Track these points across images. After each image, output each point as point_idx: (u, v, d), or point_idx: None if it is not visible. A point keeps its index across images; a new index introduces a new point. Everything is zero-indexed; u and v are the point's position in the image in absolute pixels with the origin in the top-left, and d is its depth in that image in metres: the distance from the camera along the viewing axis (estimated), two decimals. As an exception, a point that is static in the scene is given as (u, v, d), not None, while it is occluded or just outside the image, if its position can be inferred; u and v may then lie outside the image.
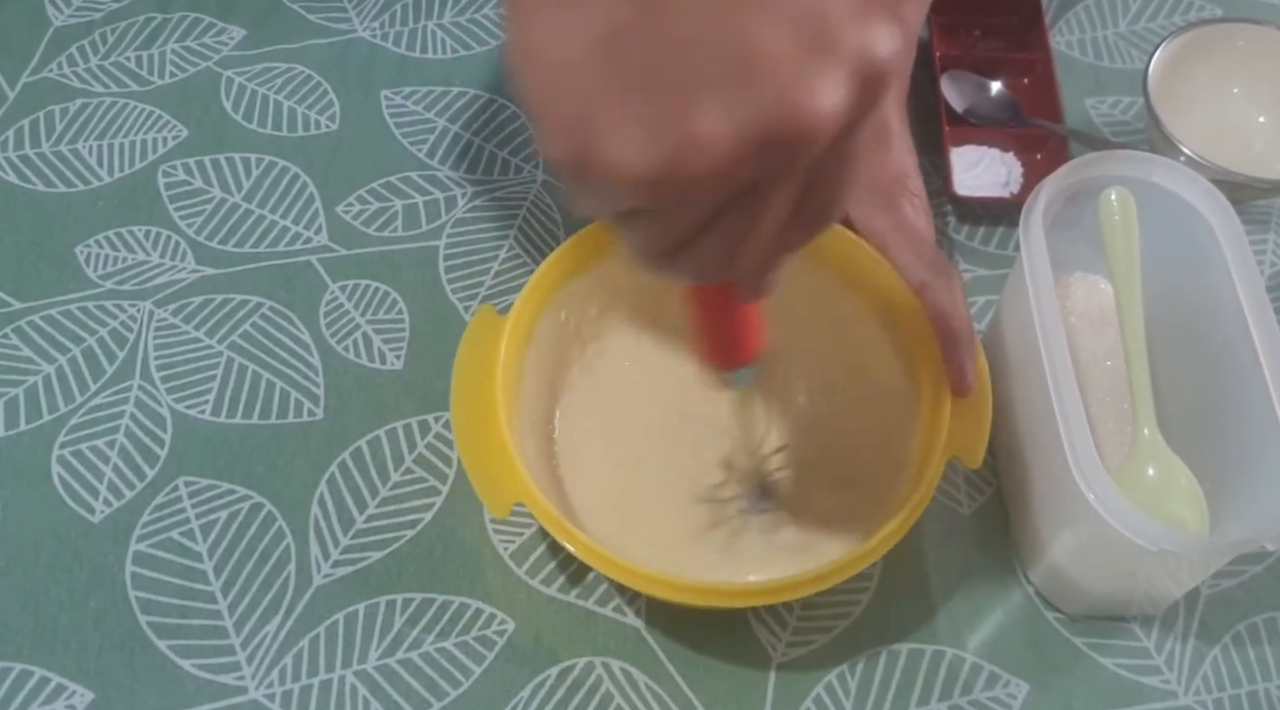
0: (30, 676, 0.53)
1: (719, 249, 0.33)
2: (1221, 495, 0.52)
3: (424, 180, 0.69)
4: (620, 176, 0.29)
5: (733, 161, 0.29)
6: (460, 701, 0.53)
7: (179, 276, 0.65)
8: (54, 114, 0.72)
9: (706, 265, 0.34)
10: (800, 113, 0.28)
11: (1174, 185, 0.55)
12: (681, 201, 0.30)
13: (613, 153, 0.29)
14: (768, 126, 0.28)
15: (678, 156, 0.28)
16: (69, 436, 0.60)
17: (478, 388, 0.52)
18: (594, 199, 0.32)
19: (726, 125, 0.28)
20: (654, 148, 0.29)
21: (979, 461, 0.50)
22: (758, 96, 0.28)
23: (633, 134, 0.29)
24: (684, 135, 0.28)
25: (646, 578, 0.48)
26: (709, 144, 0.28)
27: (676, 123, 0.28)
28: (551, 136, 0.30)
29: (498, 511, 0.49)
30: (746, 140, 0.28)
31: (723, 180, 0.29)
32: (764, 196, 0.31)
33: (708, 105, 0.28)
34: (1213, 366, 0.54)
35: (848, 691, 0.53)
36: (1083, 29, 0.77)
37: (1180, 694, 0.54)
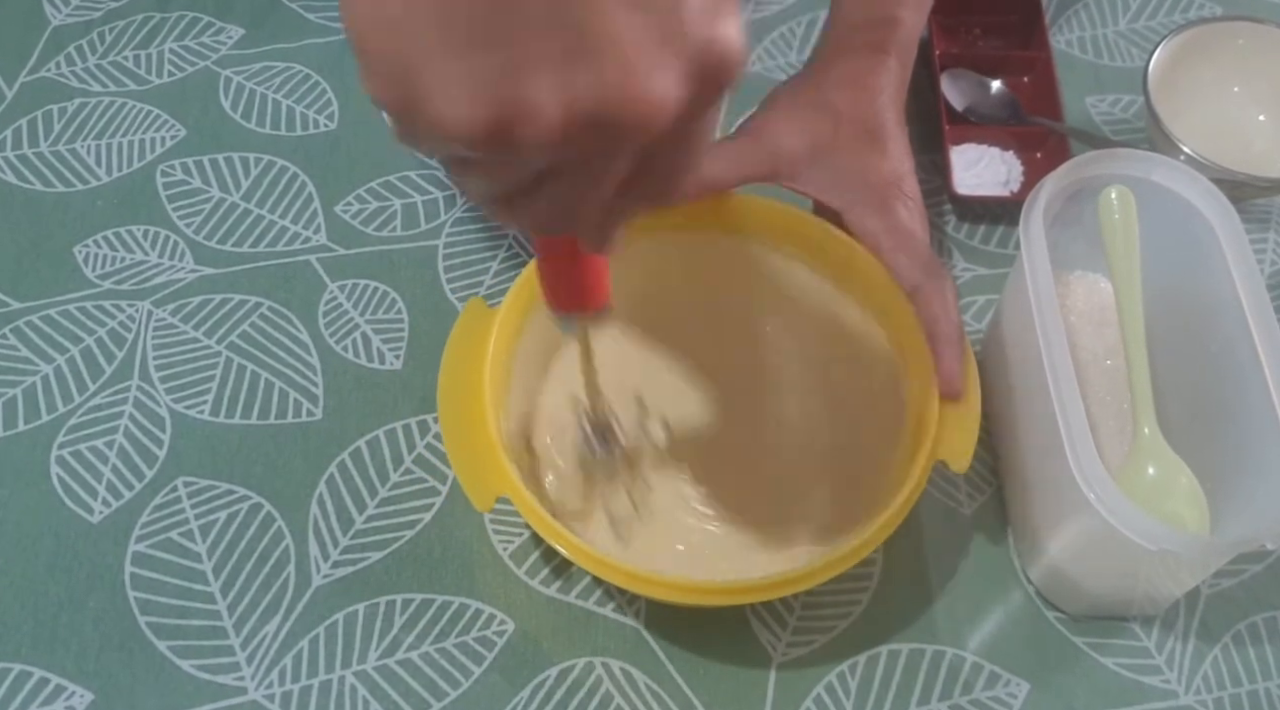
0: (29, 677, 0.53)
1: (550, 206, 0.33)
2: (1222, 494, 0.52)
3: (423, 179, 0.69)
4: (443, 129, 0.29)
5: (560, 135, 0.28)
6: (460, 702, 0.53)
7: (178, 276, 0.65)
8: (52, 113, 0.72)
9: (538, 219, 0.34)
10: (634, 101, 0.28)
11: (1174, 184, 0.55)
12: (507, 161, 0.30)
13: (438, 106, 0.28)
14: (599, 108, 0.28)
15: (504, 121, 0.28)
16: (68, 437, 0.60)
17: (466, 380, 0.52)
18: (421, 144, 0.31)
19: (557, 100, 0.28)
20: (481, 108, 0.28)
21: (966, 466, 0.50)
22: (594, 77, 0.28)
23: (463, 90, 0.28)
24: (514, 102, 0.28)
25: (623, 572, 0.48)
26: (538, 115, 0.28)
27: (508, 88, 0.28)
28: (374, 77, 0.29)
29: (481, 504, 0.49)
30: (576, 118, 0.28)
31: (549, 149, 0.29)
32: (595, 168, 0.31)
33: (542, 76, 0.28)
34: (1213, 365, 0.54)
35: (848, 691, 0.53)
36: (1083, 27, 0.77)
37: (1181, 693, 0.53)
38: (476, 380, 0.51)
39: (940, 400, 0.51)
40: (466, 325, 0.53)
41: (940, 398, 0.51)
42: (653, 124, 0.29)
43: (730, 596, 0.50)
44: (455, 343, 0.53)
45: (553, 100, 0.28)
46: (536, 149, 0.29)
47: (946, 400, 0.51)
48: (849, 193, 0.56)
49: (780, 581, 0.48)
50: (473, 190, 0.33)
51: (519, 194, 0.32)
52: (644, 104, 0.28)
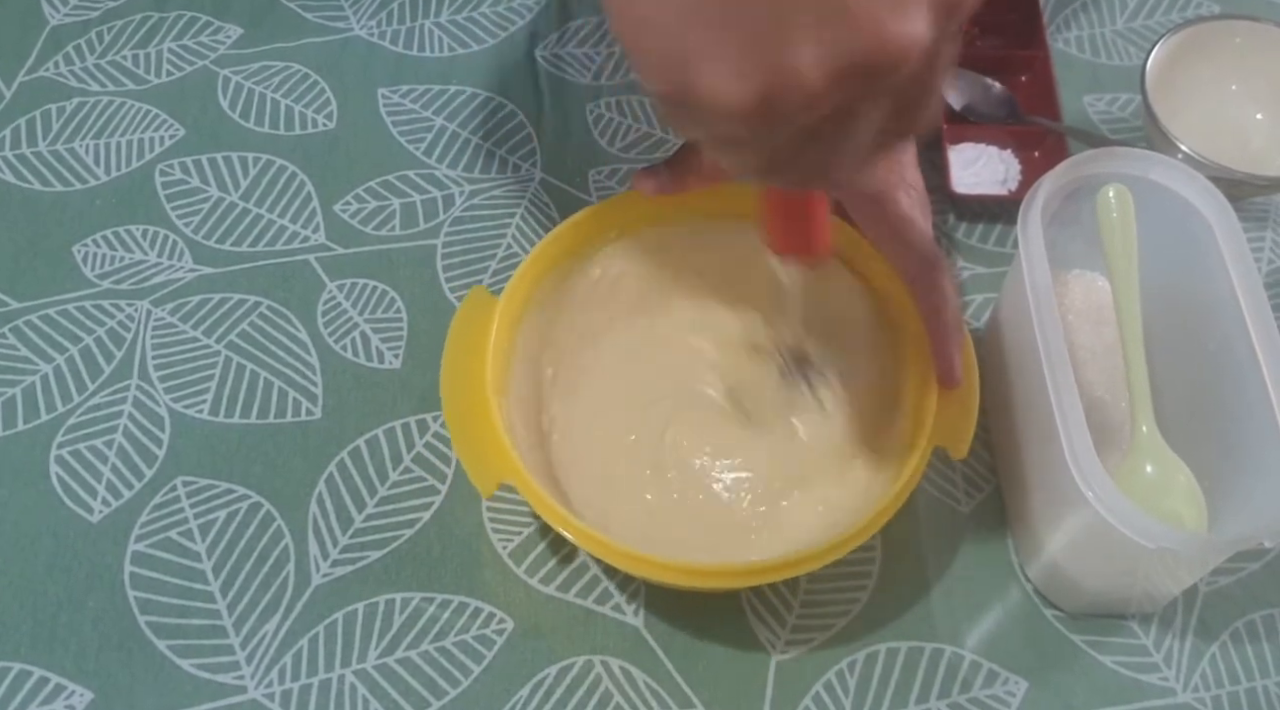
0: (29, 676, 0.53)
1: (812, 166, 0.35)
2: (1220, 492, 0.52)
3: (421, 179, 0.69)
4: (717, 109, 0.31)
5: (824, 92, 0.30)
6: (459, 700, 0.53)
7: (176, 276, 0.65)
8: (50, 113, 0.72)
9: (799, 179, 0.36)
10: (887, 43, 0.30)
11: (1172, 182, 0.55)
12: (776, 128, 0.32)
13: (709, 86, 0.31)
14: (857, 58, 0.30)
15: (772, 90, 0.30)
16: (67, 436, 0.60)
17: (468, 367, 0.52)
18: (691, 127, 0.33)
19: (818, 58, 0.30)
20: (749, 81, 0.30)
21: (964, 452, 0.51)
22: (845, 27, 0.30)
23: (728, 68, 0.30)
24: (778, 69, 0.30)
25: (630, 557, 0.48)
26: (802, 77, 0.30)
27: (770, 57, 0.30)
28: (649, 71, 0.32)
29: (484, 489, 0.49)
30: (836, 70, 0.30)
31: (814, 108, 0.31)
32: (854, 118, 0.33)
33: (799, 41, 0.30)
34: (1210, 364, 0.54)
35: (846, 689, 0.53)
36: (1080, 26, 0.77)
37: (1179, 691, 0.54)
38: (479, 367, 0.52)
39: (939, 388, 0.51)
40: (469, 313, 0.54)
41: (939, 385, 0.51)
42: (906, 63, 0.30)
43: (731, 579, 0.51)
44: (458, 330, 0.53)
45: (813, 61, 0.30)
46: (802, 111, 0.31)
47: (945, 388, 0.51)
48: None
49: (779, 565, 0.48)
50: (738, 164, 0.35)
51: (785, 157, 0.34)
52: (896, 46, 0.30)
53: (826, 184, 0.38)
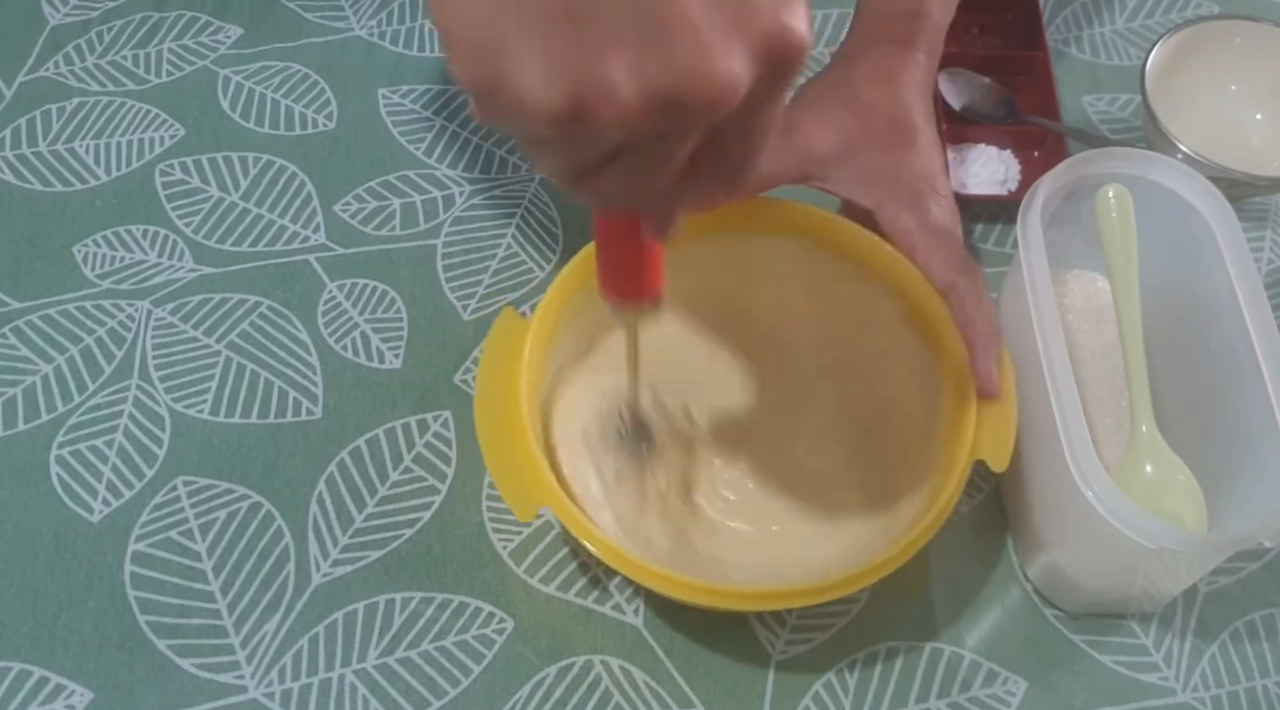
0: (29, 676, 0.53)
1: (619, 183, 0.34)
2: (1219, 492, 0.52)
3: (422, 179, 0.69)
4: (523, 110, 0.30)
5: (634, 115, 0.30)
6: (460, 700, 0.53)
7: (177, 276, 0.65)
8: (50, 113, 0.72)
9: (607, 195, 0.36)
10: (704, 80, 0.30)
11: (1171, 182, 0.55)
12: (583, 138, 0.31)
13: (520, 85, 0.30)
14: (672, 88, 0.30)
15: (583, 100, 0.30)
16: (67, 436, 0.60)
17: (502, 391, 0.51)
18: (500, 123, 0.33)
19: (633, 79, 0.29)
20: (560, 87, 0.30)
21: (1005, 464, 0.50)
22: (667, 58, 0.29)
23: (541, 71, 0.30)
24: (592, 81, 0.30)
25: (666, 579, 0.48)
26: (614, 94, 0.30)
27: (587, 67, 0.30)
28: (461, 60, 0.31)
29: (523, 515, 0.49)
30: (649, 97, 0.30)
31: (621, 128, 0.30)
32: (666, 146, 0.32)
33: (619, 57, 0.29)
34: (1210, 363, 0.54)
35: (846, 689, 0.53)
36: (1080, 26, 0.77)
37: (1178, 691, 0.54)
38: (513, 392, 0.51)
39: (978, 399, 0.51)
40: (500, 336, 0.53)
41: (978, 396, 0.51)
42: (722, 103, 0.30)
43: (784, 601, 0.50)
44: (490, 353, 0.53)
45: (628, 80, 0.29)
46: (612, 127, 0.30)
47: (984, 398, 0.51)
48: (879, 191, 0.55)
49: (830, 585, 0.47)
50: (546, 166, 0.35)
51: (590, 170, 0.34)
52: (714, 84, 0.30)
53: (635, 209, 0.37)
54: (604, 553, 0.48)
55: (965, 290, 0.52)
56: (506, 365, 0.52)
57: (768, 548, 0.55)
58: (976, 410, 0.51)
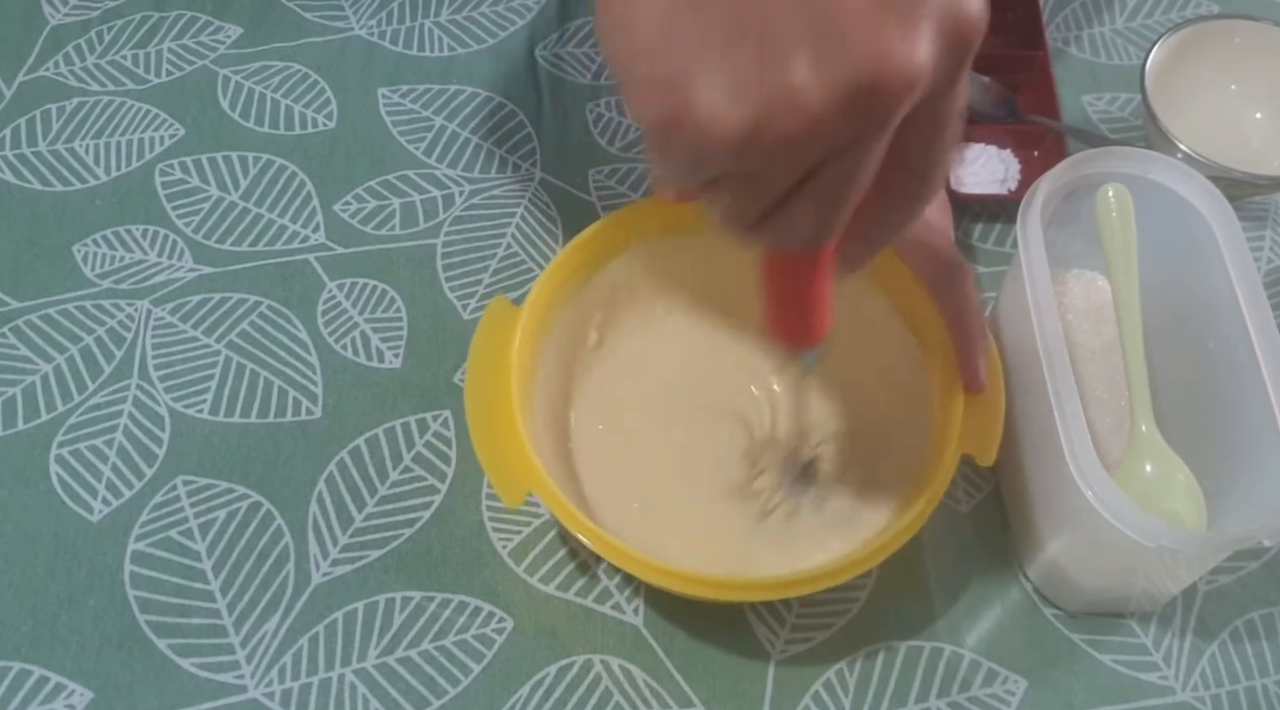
0: (29, 675, 0.53)
1: (810, 215, 0.33)
2: (1219, 491, 0.52)
3: (421, 178, 0.69)
4: (712, 135, 0.29)
5: (823, 117, 0.29)
6: (459, 699, 0.53)
7: (176, 275, 0.65)
8: (50, 113, 0.72)
9: (796, 232, 0.34)
10: (888, 66, 0.29)
11: (1171, 182, 0.55)
12: (772, 162, 0.30)
13: (704, 111, 0.29)
14: (857, 80, 0.29)
15: (769, 113, 0.29)
16: (67, 436, 0.60)
17: (492, 377, 0.52)
18: (684, 164, 0.31)
19: (817, 80, 0.28)
20: (745, 105, 0.29)
21: (992, 458, 0.50)
22: (846, 51, 0.28)
23: (723, 92, 0.29)
24: (775, 91, 0.29)
25: (655, 569, 0.48)
26: (800, 99, 0.29)
27: (767, 79, 0.29)
28: (642, 98, 0.30)
29: (510, 501, 0.49)
30: (836, 95, 0.29)
31: (813, 138, 0.29)
32: (855, 158, 0.31)
33: (797, 61, 0.28)
34: (1210, 363, 0.54)
35: (846, 688, 0.53)
36: (1080, 26, 0.77)
37: (1178, 690, 0.54)
38: (503, 378, 0.51)
39: (964, 393, 0.51)
40: (491, 324, 0.53)
41: (965, 391, 0.51)
42: (909, 89, 0.29)
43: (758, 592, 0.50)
44: (480, 341, 0.53)
45: (812, 82, 0.28)
46: (802, 139, 0.29)
47: (970, 394, 0.51)
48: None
49: (810, 577, 0.48)
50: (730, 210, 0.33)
51: (780, 201, 0.32)
52: (898, 69, 0.29)
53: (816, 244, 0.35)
54: (591, 539, 0.48)
55: (953, 285, 0.53)
56: (497, 353, 0.52)
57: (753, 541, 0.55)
58: (964, 405, 0.51)
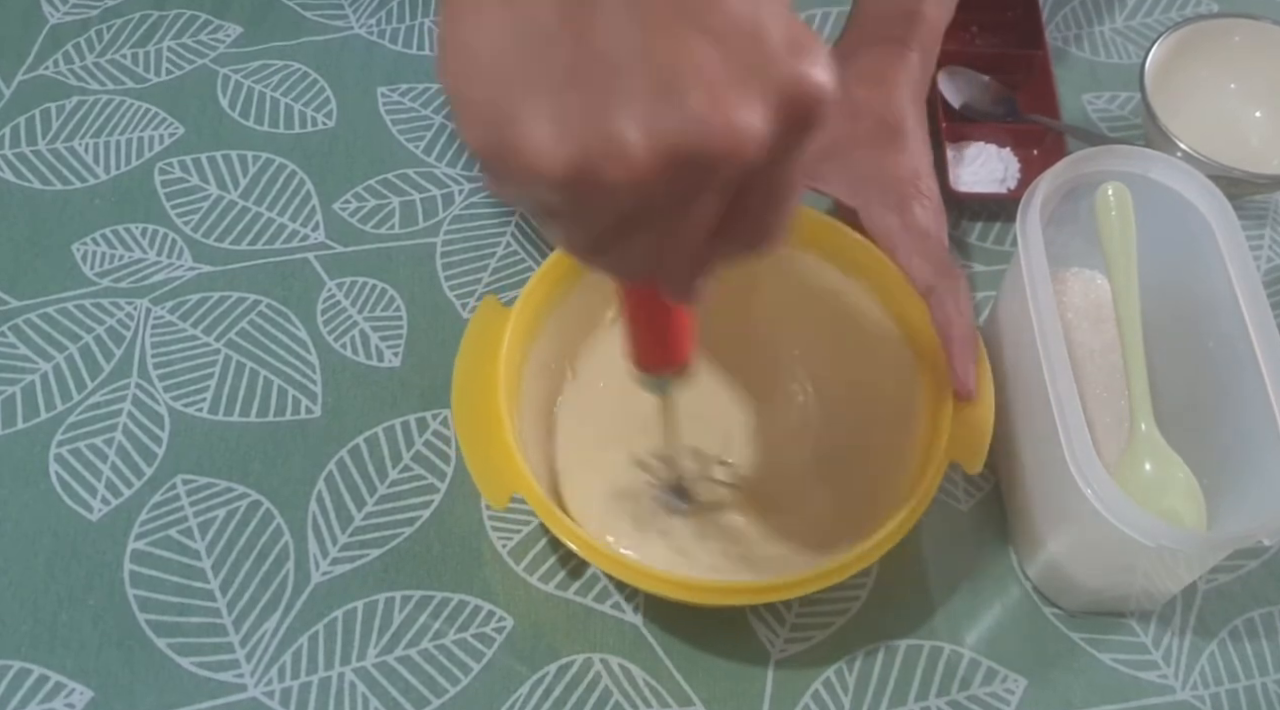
0: (29, 675, 0.53)
1: (640, 253, 0.32)
2: (1219, 490, 0.52)
3: (421, 177, 0.69)
4: (533, 169, 0.29)
5: (647, 172, 0.28)
6: (459, 698, 0.53)
7: (176, 274, 0.65)
8: (50, 111, 0.72)
9: (627, 266, 0.34)
10: (719, 134, 0.28)
11: (1171, 181, 0.55)
12: (595, 204, 0.30)
13: (528, 147, 0.29)
14: (685, 142, 0.28)
15: (592, 159, 0.28)
16: (66, 435, 0.60)
17: (480, 378, 0.52)
18: (510, 190, 0.31)
19: (643, 135, 0.28)
20: (568, 147, 0.28)
21: (979, 467, 0.50)
22: (678, 111, 0.28)
23: (549, 131, 0.28)
24: (600, 139, 0.28)
25: (638, 572, 0.48)
26: (624, 151, 0.28)
27: (594, 125, 0.28)
28: (470, 125, 0.30)
29: (495, 502, 0.49)
30: (662, 153, 0.28)
31: (638, 188, 0.29)
32: (685, 209, 0.31)
33: (627, 113, 0.28)
34: (1209, 362, 0.54)
35: (846, 687, 0.53)
36: (1079, 24, 0.77)
37: (1178, 689, 0.54)
38: (491, 378, 0.51)
39: (954, 401, 0.51)
40: (481, 323, 0.53)
41: (954, 398, 0.51)
42: (739, 156, 0.28)
43: (738, 596, 0.50)
44: (470, 341, 0.53)
45: (639, 135, 0.28)
46: (624, 188, 0.29)
47: (960, 401, 0.51)
48: (866, 191, 0.56)
49: (791, 582, 0.48)
50: (561, 238, 0.33)
51: (607, 240, 0.32)
52: (727, 135, 0.28)
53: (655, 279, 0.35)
54: (577, 543, 0.48)
55: (944, 293, 0.53)
56: (485, 354, 0.52)
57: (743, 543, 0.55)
58: (953, 412, 0.51)
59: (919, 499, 0.49)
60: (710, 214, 0.31)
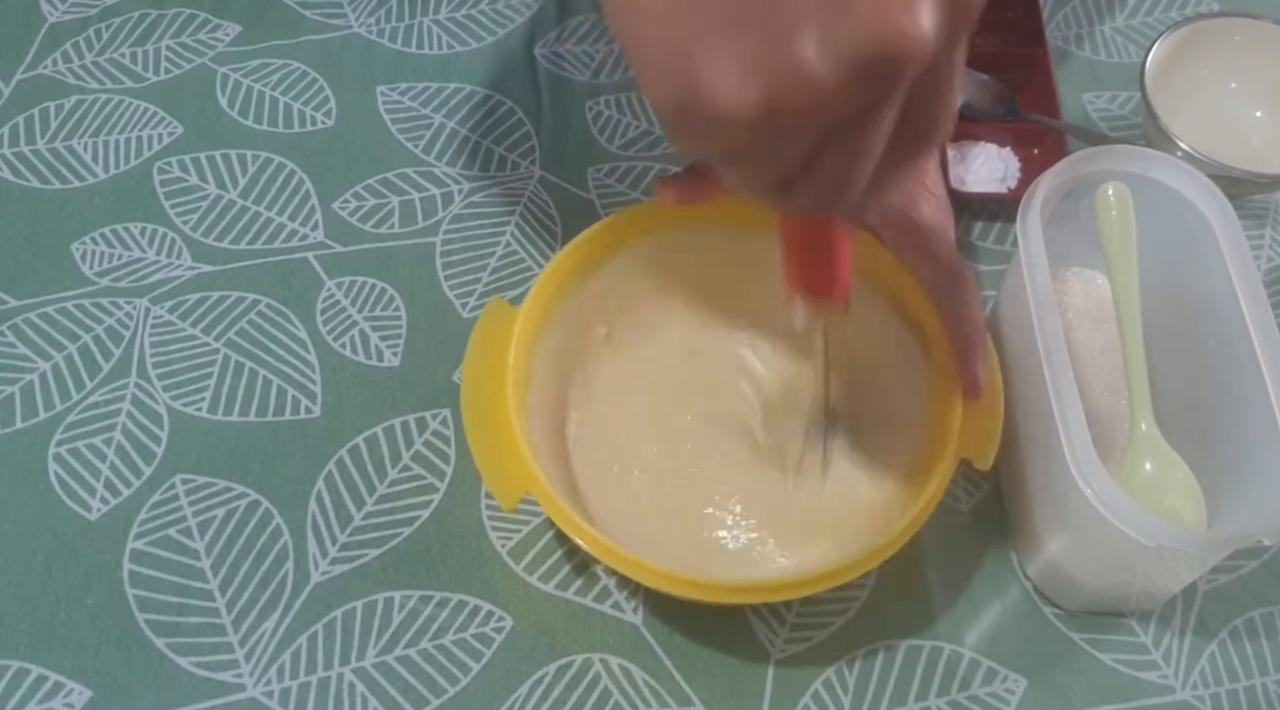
0: (28, 674, 0.53)
1: (825, 182, 0.33)
2: (1219, 490, 0.52)
3: (420, 176, 0.69)
4: (725, 114, 0.30)
5: (834, 91, 0.29)
6: (459, 698, 0.53)
7: (175, 274, 0.65)
8: (49, 110, 0.72)
9: (813, 199, 0.34)
10: (897, 36, 0.29)
11: (1171, 180, 0.55)
12: (786, 136, 0.31)
13: (716, 91, 0.29)
14: (864, 53, 0.29)
15: (780, 89, 0.29)
16: (65, 434, 0.60)
17: (489, 378, 0.51)
18: (699, 140, 0.32)
19: (824, 55, 0.29)
20: (756, 82, 0.29)
21: (989, 463, 0.50)
22: (851, 24, 0.29)
23: (734, 70, 0.29)
24: (785, 68, 0.29)
25: (651, 571, 0.48)
26: (808, 75, 0.29)
27: (776, 56, 0.29)
28: (654, 80, 0.31)
29: (506, 502, 0.49)
30: (845, 69, 0.29)
31: (825, 111, 0.30)
32: (867, 125, 0.31)
33: (805, 36, 0.29)
34: (1210, 362, 0.54)
35: (846, 687, 0.53)
36: (1080, 24, 0.77)
37: (1178, 689, 0.54)
38: (500, 379, 0.51)
39: (963, 399, 0.51)
40: (489, 325, 0.53)
41: (963, 396, 0.51)
42: (916, 57, 0.29)
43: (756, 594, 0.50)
44: (478, 342, 0.53)
45: (819, 57, 0.29)
46: (813, 114, 0.29)
47: (969, 398, 0.51)
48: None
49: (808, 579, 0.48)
50: (749, 181, 0.33)
51: (796, 173, 0.32)
52: (905, 38, 0.29)
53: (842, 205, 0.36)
54: (588, 541, 0.48)
55: (953, 290, 0.52)
56: (494, 354, 0.52)
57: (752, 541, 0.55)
58: (962, 409, 0.51)
59: (930, 496, 0.49)
60: (888, 124, 0.32)
